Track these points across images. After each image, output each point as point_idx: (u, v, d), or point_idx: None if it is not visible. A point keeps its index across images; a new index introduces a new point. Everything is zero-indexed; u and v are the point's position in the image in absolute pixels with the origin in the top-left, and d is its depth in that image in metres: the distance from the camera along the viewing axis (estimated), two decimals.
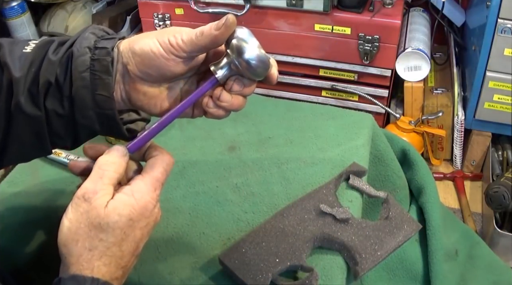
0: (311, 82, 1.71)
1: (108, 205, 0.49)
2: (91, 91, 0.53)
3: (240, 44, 0.53)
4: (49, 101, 0.54)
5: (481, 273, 1.00)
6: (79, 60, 0.53)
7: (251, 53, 0.53)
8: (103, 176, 0.51)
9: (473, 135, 1.63)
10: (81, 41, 0.54)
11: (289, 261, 0.65)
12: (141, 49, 0.53)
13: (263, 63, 0.53)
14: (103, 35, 0.56)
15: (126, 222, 0.50)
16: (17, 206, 0.77)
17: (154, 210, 0.53)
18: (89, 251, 0.49)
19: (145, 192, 0.52)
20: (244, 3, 1.56)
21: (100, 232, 0.49)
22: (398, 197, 0.92)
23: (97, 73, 0.53)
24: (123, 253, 0.50)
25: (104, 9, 1.99)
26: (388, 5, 1.55)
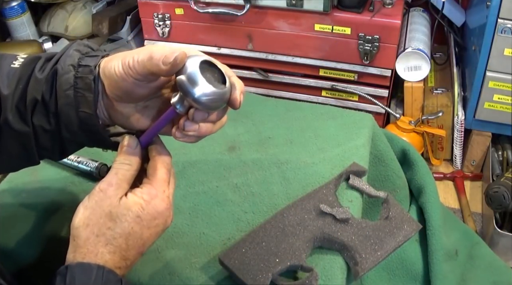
0: (311, 82, 1.71)
1: (121, 200, 0.54)
2: (75, 108, 0.55)
3: (185, 84, 0.51)
4: (36, 117, 0.56)
5: (481, 273, 1.00)
6: (63, 78, 0.54)
7: (199, 92, 0.51)
8: (118, 173, 0.55)
9: (473, 135, 1.63)
10: (65, 59, 0.56)
11: (289, 261, 0.65)
12: (108, 71, 0.54)
13: (214, 97, 0.52)
14: (87, 51, 0.57)
15: (134, 218, 0.53)
16: (17, 206, 0.77)
17: (165, 213, 0.55)
18: (96, 237, 0.52)
19: (154, 194, 0.55)
20: (244, 3, 1.56)
21: (109, 220, 0.53)
22: (398, 197, 0.92)
23: (79, 90, 0.54)
24: (128, 247, 0.53)
25: (104, 9, 1.99)
26: (388, 5, 1.55)
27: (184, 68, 0.51)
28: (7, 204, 0.77)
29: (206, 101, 0.51)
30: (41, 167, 0.83)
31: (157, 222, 0.55)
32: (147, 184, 0.56)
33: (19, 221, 0.74)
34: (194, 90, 0.51)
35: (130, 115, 0.57)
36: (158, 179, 0.56)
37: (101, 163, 0.80)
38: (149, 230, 0.54)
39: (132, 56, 0.52)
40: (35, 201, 0.77)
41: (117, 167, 0.55)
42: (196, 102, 0.51)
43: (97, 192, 0.54)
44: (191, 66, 0.51)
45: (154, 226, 0.55)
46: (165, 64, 0.51)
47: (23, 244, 0.71)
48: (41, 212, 0.76)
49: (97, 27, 1.89)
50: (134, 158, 0.56)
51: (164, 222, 0.56)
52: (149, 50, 0.52)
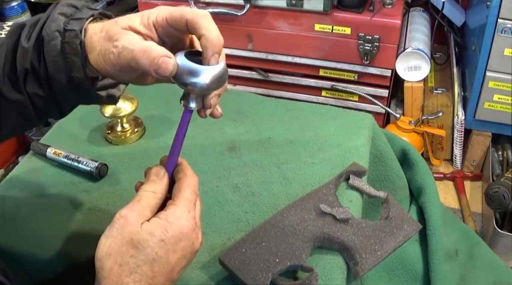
0: (311, 82, 1.71)
1: (143, 225, 0.51)
2: (66, 73, 0.54)
3: (187, 81, 0.51)
4: (28, 85, 0.55)
5: (481, 273, 1.00)
6: (50, 45, 0.53)
7: (205, 78, 0.51)
8: (141, 200, 0.53)
9: (473, 135, 1.63)
10: (50, 24, 0.54)
11: (289, 261, 0.65)
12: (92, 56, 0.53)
13: (217, 80, 0.52)
14: (72, 13, 0.55)
15: (157, 243, 0.50)
16: (17, 206, 0.77)
17: (191, 234, 0.53)
18: (120, 266, 0.50)
19: (179, 215, 0.52)
20: (244, 3, 1.56)
21: (131, 248, 0.50)
22: (398, 197, 0.92)
23: (68, 56, 0.53)
24: (155, 274, 0.50)
25: (104, 9, 1.99)
26: (388, 5, 1.55)
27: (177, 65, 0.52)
28: (7, 204, 0.77)
29: (214, 81, 0.51)
30: (41, 167, 0.83)
31: (183, 245, 0.52)
32: (172, 205, 0.53)
33: (19, 221, 0.74)
34: (199, 81, 0.51)
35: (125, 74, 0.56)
36: (183, 199, 0.53)
37: (101, 163, 0.80)
38: (176, 254, 0.51)
39: (112, 52, 0.51)
40: (35, 201, 0.77)
41: (141, 194, 0.53)
42: (207, 88, 0.51)
43: (118, 219, 0.52)
44: (180, 62, 0.51)
45: (181, 249, 0.52)
46: (158, 74, 0.50)
47: (23, 244, 0.71)
48: (41, 212, 0.76)
49: None
50: (159, 186, 0.54)
51: (192, 245, 0.53)
52: (131, 50, 0.50)
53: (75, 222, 0.74)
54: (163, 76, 0.50)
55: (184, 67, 0.51)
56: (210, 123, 0.92)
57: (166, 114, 0.94)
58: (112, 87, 0.61)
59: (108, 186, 0.80)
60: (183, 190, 0.54)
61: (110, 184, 0.80)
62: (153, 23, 0.53)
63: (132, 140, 0.89)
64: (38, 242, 0.71)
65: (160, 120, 0.93)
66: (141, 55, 0.50)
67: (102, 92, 0.60)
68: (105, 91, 0.61)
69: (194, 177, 0.56)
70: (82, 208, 0.76)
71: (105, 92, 0.60)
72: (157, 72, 0.50)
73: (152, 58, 0.50)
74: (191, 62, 0.51)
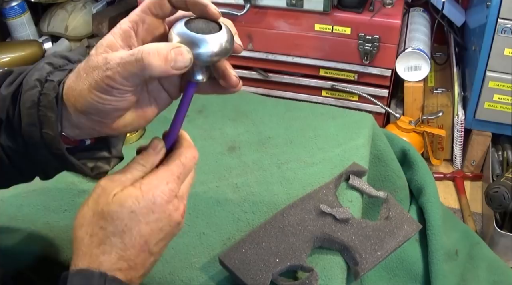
0: (311, 82, 1.71)
1: (115, 196, 0.48)
2: (39, 128, 0.49)
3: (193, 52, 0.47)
4: (3, 137, 0.51)
5: (481, 273, 1.00)
6: (26, 94, 0.49)
7: (212, 46, 0.47)
8: (127, 171, 0.50)
9: (473, 135, 1.63)
10: (33, 73, 0.50)
11: (289, 261, 0.65)
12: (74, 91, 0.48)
13: (226, 38, 0.48)
14: (62, 64, 0.52)
15: (127, 214, 0.48)
16: (17, 206, 0.77)
17: (166, 206, 0.49)
18: (90, 237, 0.48)
19: (154, 185, 0.49)
20: (244, 3, 1.56)
21: (101, 219, 0.48)
22: (398, 197, 0.92)
23: (42, 109, 0.49)
24: (126, 246, 0.48)
25: (104, 9, 1.99)
26: (388, 5, 1.55)
27: (177, 38, 0.47)
28: (7, 204, 0.77)
29: (222, 48, 0.48)
30: None
31: (157, 216, 0.49)
32: (151, 174, 0.50)
33: (19, 221, 0.74)
34: (204, 50, 0.47)
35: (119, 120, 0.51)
36: (166, 169, 0.50)
37: None
38: (148, 226, 0.48)
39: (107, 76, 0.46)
40: (35, 201, 0.77)
41: (129, 165, 0.50)
42: (213, 57, 0.48)
43: (96, 187, 0.49)
44: (182, 32, 0.47)
45: (154, 221, 0.49)
46: (178, 68, 0.46)
47: (23, 244, 0.71)
48: (41, 212, 0.76)
49: (97, 27, 1.90)
50: (151, 160, 0.51)
51: (168, 217, 0.49)
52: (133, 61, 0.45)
53: None
54: (183, 68, 0.46)
55: (185, 37, 0.47)
56: (210, 123, 0.92)
57: (166, 114, 0.93)
58: (103, 160, 0.56)
59: None
60: (171, 161, 0.51)
61: None
62: (131, 26, 0.49)
63: (132, 140, 0.89)
64: (38, 242, 0.71)
65: (160, 120, 0.92)
66: (151, 58, 0.45)
67: (90, 163, 0.55)
68: (93, 163, 0.55)
69: (189, 149, 0.52)
70: None
71: (92, 163, 0.55)
72: (176, 67, 0.46)
73: (163, 55, 0.45)
74: (191, 32, 0.47)
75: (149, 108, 0.53)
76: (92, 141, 0.55)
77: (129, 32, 0.49)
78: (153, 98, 0.53)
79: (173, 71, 0.46)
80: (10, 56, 1.92)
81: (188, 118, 0.93)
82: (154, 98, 0.53)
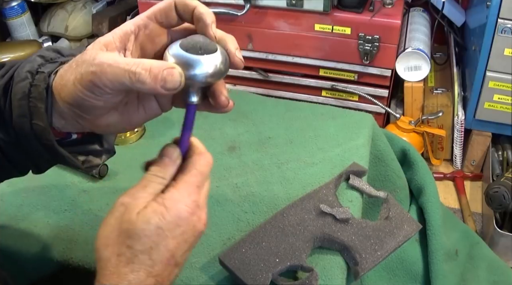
0: (311, 82, 1.71)
1: (139, 213, 0.48)
2: (29, 120, 0.49)
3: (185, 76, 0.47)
4: None
5: (481, 273, 1.00)
6: (17, 86, 0.49)
7: (205, 68, 0.47)
8: (147, 186, 0.49)
9: (473, 135, 1.63)
10: (24, 65, 0.50)
11: (289, 261, 0.65)
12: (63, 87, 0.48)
13: (221, 60, 0.48)
14: (53, 57, 0.52)
15: (154, 231, 0.47)
16: (17, 206, 0.77)
17: (191, 218, 0.49)
18: (117, 257, 0.47)
19: (177, 199, 0.49)
20: (244, 3, 1.56)
21: (127, 238, 0.47)
22: (398, 197, 0.92)
23: (33, 100, 0.49)
24: (154, 262, 0.48)
25: (104, 9, 1.99)
26: (388, 5, 1.55)
27: (172, 59, 0.47)
28: (7, 204, 0.77)
29: (216, 70, 0.48)
30: None
31: (183, 229, 0.49)
32: (171, 187, 0.49)
33: (19, 221, 0.74)
34: (198, 72, 0.47)
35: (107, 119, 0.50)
36: (185, 181, 0.50)
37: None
38: (175, 240, 0.48)
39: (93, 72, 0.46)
40: (35, 201, 0.77)
41: (149, 179, 0.49)
42: (210, 77, 0.48)
43: (118, 206, 0.48)
44: (177, 53, 0.47)
45: (180, 234, 0.49)
46: (167, 89, 0.46)
47: (23, 244, 0.71)
48: (41, 212, 0.76)
49: (97, 27, 1.90)
50: (170, 171, 0.50)
51: (192, 229, 0.50)
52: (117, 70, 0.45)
53: (75, 222, 0.74)
54: (172, 90, 0.46)
55: (180, 58, 0.47)
56: (210, 123, 0.92)
57: (166, 114, 0.94)
58: (94, 153, 0.55)
59: (108, 186, 0.80)
60: (187, 171, 0.50)
61: (110, 184, 0.80)
62: (134, 29, 0.49)
63: (132, 140, 0.89)
64: (38, 242, 0.71)
65: (160, 120, 0.92)
66: (143, 75, 0.45)
67: (81, 157, 0.55)
68: (84, 156, 0.55)
69: (204, 156, 0.51)
70: (82, 208, 0.76)
71: (84, 157, 0.55)
72: (166, 88, 0.45)
73: (154, 74, 0.45)
74: (186, 53, 0.47)
75: (136, 114, 0.52)
76: (79, 136, 0.55)
77: (129, 35, 0.49)
78: (142, 105, 0.53)
79: (162, 90, 0.46)
80: (10, 56, 1.92)
81: None
82: (143, 106, 0.53)
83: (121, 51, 0.49)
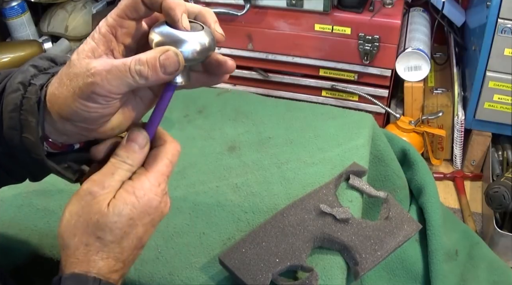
0: (311, 82, 1.71)
1: (110, 205, 0.47)
2: (20, 132, 0.48)
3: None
4: None
5: (481, 273, 1.00)
6: (9, 97, 0.48)
7: (193, 44, 0.46)
8: (115, 173, 0.48)
9: (473, 135, 1.63)
10: (17, 75, 0.49)
11: (289, 261, 0.65)
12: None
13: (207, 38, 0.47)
14: (46, 67, 0.51)
15: (126, 222, 0.47)
16: (17, 206, 0.77)
17: (159, 205, 0.49)
18: (86, 246, 0.47)
19: (148, 188, 0.48)
20: (244, 3, 1.56)
21: (97, 230, 0.47)
22: (398, 197, 0.92)
23: (24, 113, 0.47)
24: (123, 249, 0.48)
25: (104, 9, 1.99)
26: (388, 5, 1.55)
27: (157, 38, 0.46)
28: (7, 205, 0.77)
29: (205, 46, 0.46)
30: None
31: (152, 217, 0.49)
32: (142, 176, 0.49)
33: (19, 221, 0.74)
34: (185, 49, 0.46)
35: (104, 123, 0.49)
36: (156, 171, 0.49)
37: None
38: (144, 227, 0.49)
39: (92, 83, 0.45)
40: (35, 201, 0.77)
41: (116, 166, 0.48)
42: (198, 54, 0.46)
43: (85, 194, 0.47)
44: (164, 31, 0.46)
45: (149, 221, 0.49)
46: (169, 72, 0.45)
47: (23, 244, 0.71)
48: (41, 212, 0.76)
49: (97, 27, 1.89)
50: (138, 157, 0.49)
51: (160, 214, 0.50)
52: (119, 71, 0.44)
53: None
54: (174, 72, 0.45)
55: (167, 36, 0.46)
56: (210, 123, 0.92)
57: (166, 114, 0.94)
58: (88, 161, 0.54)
59: None
60: (159, 160, 0.50)
61: None
62: (110, 30, 0.48)
63: None
64: (38, 242, 0.71)
65: None
66: (142, 69, 0.45)
67: (76, 166, 0.54)
68: (79, 164, 0.54)
69: (173, 144, 0.51)
70: None
71: (78, 165, 0.54)
72: (167, 72, 0.45)
73: (152, 64, 0.45)
74: (172, 29, 0.46)
75: (136, 108, 0.52)
76: (82, 144, 0.54)
77: (109, 37, 0.48)
78: (139, 98, 0.52)
79: (166, 76, 0.46)
80: (10, 56, 1.91)
81: (188, 118, 0.94)
82: (140, 98, 0.52)
83: (108, 54, 0.48)
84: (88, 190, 0.47)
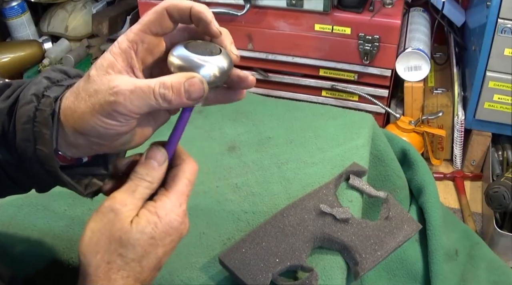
0: (311, 82, 1.71)
1: (133, 222, 0.48)
2: (33, 144, 0.48)
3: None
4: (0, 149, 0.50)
5: (481, 273, 1.00)
6: (22, 109, 0.48)
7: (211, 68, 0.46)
8: (136, 190, 0.49)
9: (473, 135, 1.63)
10: (30, 87, 0.49)
11: (289, 261, 0.65)
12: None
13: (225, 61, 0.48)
14: (60, 79, 0.51)
15: (147, 240, 0.48)
16: (17, 207, 0.77)
17: (180, 227, 0.50)
18: (107, 264, 0.47)
19: (170, 209, 0.49)
20: (244, 3, 1.56)
21: (120, 247, 0.47)
22: (398, 197, 0.92)
23: (37, 125, 0.47)
24: (143, 269, 0.49)
25: (104, 9, 1.99)
26: (388, 5, 1.55)
27: (177, 61, 0.47)
28: (8, 204, 0.77)
29: (222, 70, 0.47)
30: None
31: (172, 238, 0.50)
32: (163, 196, 0.49)
33: (19, 221, 0.74)
34: (204, 73, 0.46)
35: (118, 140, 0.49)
36: (176, 191, 0.50)
37: None
38: (164, 248, 0.49)
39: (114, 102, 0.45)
40: (35, 201, 0.77)
41: (136, 183, 0.49)
42: (216, 78, 0.47)
43: (107, 211, 0.47)
44: (183, 55, 0.47)
45: (169, 242, 0.50)
46: (193, 99, 0.46)
47: (22, 244, 0.71)
48: (42, 213, 0.75)
49: (97, 27, 1.90)
50: (157, 175, 0.49)
51: (180, 235, 0.51)
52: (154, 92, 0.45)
53: (75, 222, 0.74)
54: (198, 99, 0.46)
55: (186, 60, 0.46)
56: (210, 123, 0.92)
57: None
58: (98, 176, 0.54)
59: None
60: (178, 180, 0.50)
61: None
62: (131, 45, 0.47)
63: None
64: (38, 242, 0.71)
65: None
66: (167, 93, 0.45)
67: (86, 180, 0.54)
68: (88, 178, 0.54)
69: (192, 165, 0.52)
70: (82, 208, 0.76)
71: (87, 179, 0.54)
72: (191, 98, 0.46)
73: (177, 89, 0.45)
74: (192, 53, 0.46)
75: (147, 126, 0.52)
76: (89, 158, 0.54)
77: (130, 53, 0.47)
78: (152, 116, 0.52)
79: (189, 102, 0.46)
80: (10, 56, 1.92)
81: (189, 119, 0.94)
82: (153, 116, 0.53)
83: (128, 70, 0.48)
84: (110, 207, 0.48)
